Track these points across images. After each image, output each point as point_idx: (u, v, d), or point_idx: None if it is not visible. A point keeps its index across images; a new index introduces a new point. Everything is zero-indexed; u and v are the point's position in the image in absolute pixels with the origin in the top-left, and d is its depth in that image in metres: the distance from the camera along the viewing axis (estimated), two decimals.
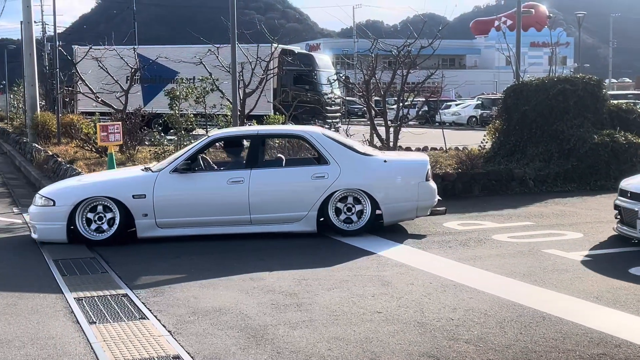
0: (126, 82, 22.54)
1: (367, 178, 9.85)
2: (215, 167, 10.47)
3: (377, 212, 9.93)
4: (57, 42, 24.98)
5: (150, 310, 6.41)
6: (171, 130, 22.38)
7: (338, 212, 9.83)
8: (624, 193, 9.31)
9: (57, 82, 23.83)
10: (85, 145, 18.88)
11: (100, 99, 21.49)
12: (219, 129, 20.74)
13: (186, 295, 6.95)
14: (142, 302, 6.67)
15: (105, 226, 9.51)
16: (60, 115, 23.93)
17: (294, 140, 13.27)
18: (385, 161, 10.20)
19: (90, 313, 6.34)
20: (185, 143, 14.45)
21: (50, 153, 18.48)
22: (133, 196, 9.57)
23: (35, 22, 28.10)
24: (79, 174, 13.76)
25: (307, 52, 42.65)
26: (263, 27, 21.16)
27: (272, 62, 21.28)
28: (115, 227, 9.49)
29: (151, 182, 9.70)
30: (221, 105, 20.42)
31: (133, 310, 6.44)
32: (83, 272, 7.95)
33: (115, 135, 14.75)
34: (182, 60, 24.99)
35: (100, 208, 9.49)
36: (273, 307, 6.49)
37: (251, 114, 20.42)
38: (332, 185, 9.73)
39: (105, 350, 5.41)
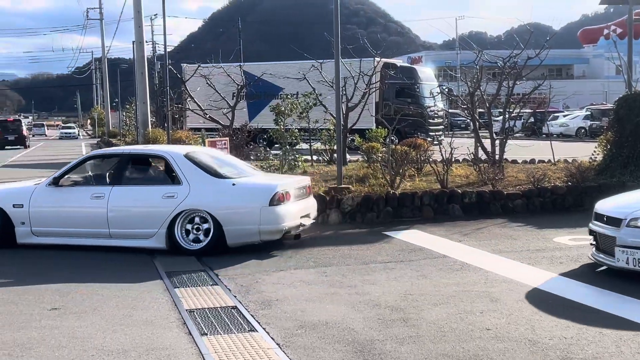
0: (232, 99, 23.11)
1: (212, 200, 10.01)
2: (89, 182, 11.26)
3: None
4: (167, 61, 25.89)
5: (259, 323, 6.52)
6: (276, 145, 22.79)
7: (188, 231, 10.06)
8: (599, 217, 8.41)
9: (167, 99, 24.68)
10: None
11: (208, 116, 22.14)
12: (321, 143, 21.01)
13: (293, 308, 7.03)
14: (251, 315, 6.79)
15: None
16: (170, 131, 24.75)
17: None
18: (233, 184, 10.26)
19: (202, 324, 6.51)
20: (289, 157, 14.65)
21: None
22: (13, 205, 10.74)
23: (146, 41, 29.22)
24: None
25: (409, 65, 42.58)
26: (366, 42, 21.27)
27: (374, 76, 21.35)
28: None
29: (29, 193, 10.81)
30: (324, 119, 20.65)
31: (242, 322, 6.57)
32: (194, 284, 8.18)
33: (223, 151, 15.17)
34: (286, 77, 25.44)
35: None
36: (379, 322, 6.48)
37: (354, 127, 20.53)
38: (180, 204, 9.98)
39: None
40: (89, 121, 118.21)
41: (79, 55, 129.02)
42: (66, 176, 10.94)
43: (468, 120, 27.32)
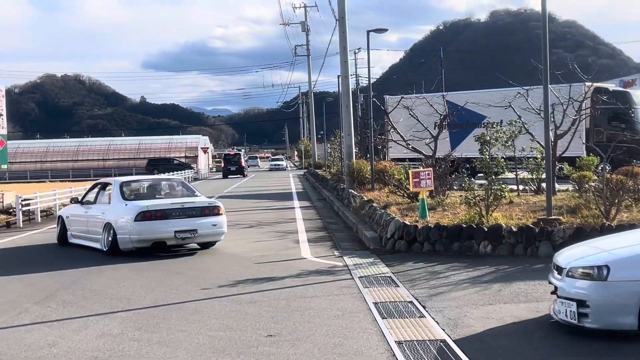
0: (434, 129, 23.05)
1: (114, 216, 14.27)
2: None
3: None
4: (371, 94, 26.39)
5: (469, 359, 6.38)
6: (479, 175, 22.42)
7: (109, 238, 14.24)
8: (555, 267, 7.51)
9: (371, 130, 25.13)
10: (397, 190, 19.58)
11: (411, 146, 22.25)
12: (528, 172, 20.35)
13: (504, 344, 6.81)
14: (461, 350, 6.66)
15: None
16: (373, 162, 25.14)
17: None
18: (126, 205, 14.33)
19: (411, 357, 6.48)
20: (495, 187, 14.30)
21: (366, 199, 19.42)
22: (66, 216, 16.39)
23: (350, 75, 30.03)
24: (392, 219, 14.28)
25: (622, 89, 40.23)
26: (574, 66, 20.43)
27: (584, 101, 20.43)
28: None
29: (71, 208, 16.50)
30: (531, 148, 20.03)
31: (452, 356, 6.46)
32: (401, 315, 8.19)
33: (426, 182, 15.17)
34: (490, 105, 25.03)
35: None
36: None
37: (563, 156, 19.74)
38: (105, 219, 14.46)
39: None
40: (295, 153, 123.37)
41: (287, 90, 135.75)
42: (86, 197, 16.33)
43: None
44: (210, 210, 14.37)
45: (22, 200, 23.50)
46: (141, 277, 11.51)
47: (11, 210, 25.83)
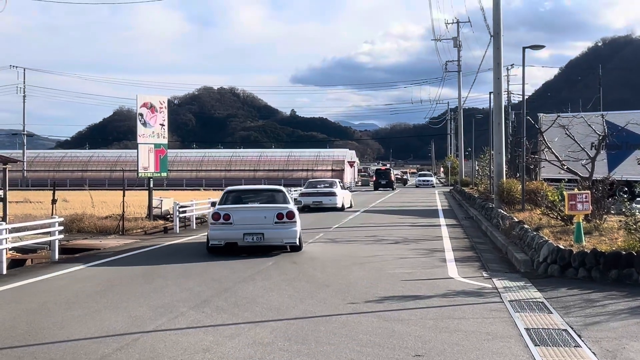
0: (591, 149, 22.15)
1: None
2: None
3: None
4: (524, 111, 25.66)
5: None
6: (638, 199, 21.26)
7: None
8: None
9: (523, 149, 24.41)
10: (550, 212, 18.89)
11: (566, 167, 21.45)
12: None
13: None
14: None
15: None
16: (524, 182, 24.40)
17: None
18: None
19: None
20: None
21: (516, 219, 18.87)
22: None
23: (504, 91, 29.35)
24: (545, 242, 13.79)
25: None
26: None
27: None
28: None
29: None
30: None
31: None
32: (555, 343, 7.86)
33: (583, 204, 14.55)
34: None
35: None
36: None
37: None
38: None
39: None
40: (441, 169, 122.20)
41: (435, 106, 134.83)
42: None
43: None
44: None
45: (179, 207, 24.66)
46: (290, 287, 11.74)
47: (168, 216, 27.19)
